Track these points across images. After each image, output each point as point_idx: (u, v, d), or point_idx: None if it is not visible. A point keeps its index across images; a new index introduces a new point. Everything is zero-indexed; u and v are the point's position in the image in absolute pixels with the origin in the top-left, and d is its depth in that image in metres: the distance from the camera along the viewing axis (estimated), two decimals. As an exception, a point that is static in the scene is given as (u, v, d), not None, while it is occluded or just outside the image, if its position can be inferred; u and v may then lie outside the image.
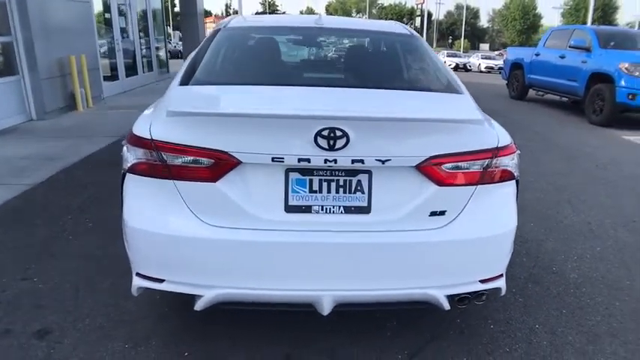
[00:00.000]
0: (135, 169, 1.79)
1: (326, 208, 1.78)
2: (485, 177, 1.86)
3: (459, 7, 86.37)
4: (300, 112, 1.71)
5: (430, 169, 1.78)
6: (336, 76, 2.44)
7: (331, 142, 1.67)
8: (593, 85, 8.59)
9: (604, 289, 2.73)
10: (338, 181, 1.78)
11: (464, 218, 1.86)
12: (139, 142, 1.77)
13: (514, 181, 1.97)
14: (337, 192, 1.78)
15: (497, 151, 1.86)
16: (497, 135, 1.92)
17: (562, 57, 9.80)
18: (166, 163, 1.72)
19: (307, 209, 1.77)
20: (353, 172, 1.77)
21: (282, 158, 1.69)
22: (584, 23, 61.51)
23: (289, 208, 1.76)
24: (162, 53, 14.46)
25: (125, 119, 6.45)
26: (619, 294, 2.68)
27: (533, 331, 2.31)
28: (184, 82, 2.10)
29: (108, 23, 10.67)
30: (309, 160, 1.70)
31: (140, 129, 1.81)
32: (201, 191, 1.73)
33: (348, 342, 2.16)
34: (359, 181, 1.78)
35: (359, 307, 2.00)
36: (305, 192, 1.77)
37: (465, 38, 58.18)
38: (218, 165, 1.70)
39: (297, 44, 2.77)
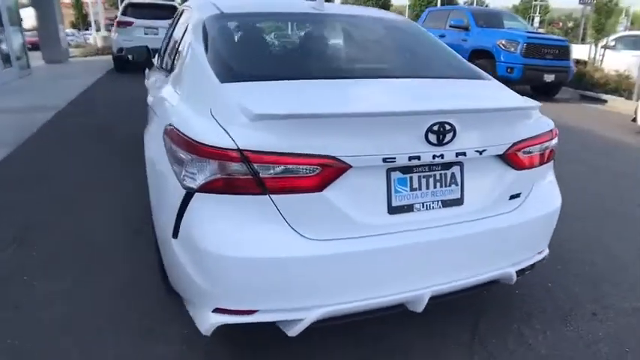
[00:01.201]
0: (212, 188, 1.50)
1: (426, 205, 1.71)
2: (544, 158, 1.97)
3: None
4: (412, 108, 1.61)
5: (512, 156, 1.82)
6: (381, 66, 2.29)
7: (440, 137, 1.60)
8: (475, 61, 9.53)
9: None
10: (435, 175, 1.71)
11: (531, 198, 1.96)
12: (218, 154, 1.46)
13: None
14: (434, 187, 1.72)
15: (552, 133, 1.98)
16: (547, 118, 2.04)
17: (442, 36, 10.67)
18: (258, 176, 1.47)
19: (409, 208, 1.68)
20: (447, 165, 1.72)
21: (394, 158, 1.57)
22: (429, 4, 67.42)
23: (392, 210, 1.65)
24: (18, 44, 12.23)
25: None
26: None
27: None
28: (224, 79, 1.77)
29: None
30: (419, 158, 1.61)
31: (214, 138, 1.48)
32: (304, 203, 1.52)
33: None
34: (452, 174, 1.74)
35: (446, 297, 1.97)
36: (406, 191, 1.67)
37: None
38: (325, 172, 1.50)
39: (313, 32, 2.56)
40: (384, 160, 1.56)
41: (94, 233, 2.96)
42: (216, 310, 1.58)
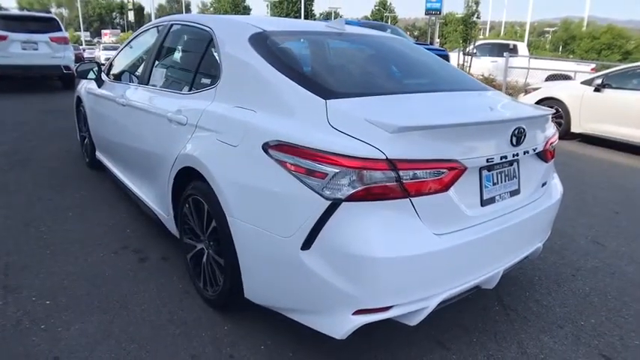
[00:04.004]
0: (361, 196, 1.61)
1: (501, 196, 2.03)
2: (554, 152, 2.42)
3: (170, 1, 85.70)
4: (504, 116, 1.95)
5: (544, 151, 2.25)
6: (426, 81, 2.49)
7: (519, 139, 1.95)
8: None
9: None
10: (504, 171, 2.04)
11: (551, 185, 2.42)
12: (371, 165, 1.60)
13: None
14: (504, 181, 2.05)
15: (557, 133, 2.46)
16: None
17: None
18: (401, 181, 1.63)
19: (492, 200, 1.98)
20: (511, 163, 2.06)
21: (493, 158, 1.86)
22: (288, 15, 69.51)
23: (483, 203, 1.94)
24: None
25: None
26: None
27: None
28: (326, 96, 1.85)
29: None
30: (506, 157, 1.92)
31: (363, 150, 1.61)
32: (434, 203, 1.72)
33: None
34: (514, 169, 2.09)
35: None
36: (491, 185, 1.97)
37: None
38: (451, 174, 1.73)
39: (359, 50, 2.66)
40: (487, 160, 1.85)
41: None
42: (357, 312, 1.68)
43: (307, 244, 1.68)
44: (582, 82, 7.18)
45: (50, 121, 7.29)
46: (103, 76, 3.87)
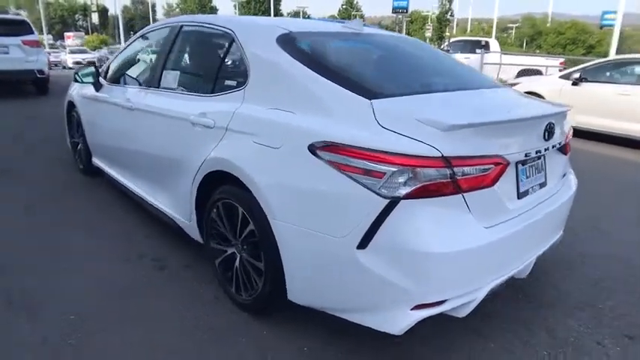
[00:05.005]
0: (419, 193, 1.65)
1: (533, 188, 2.11)
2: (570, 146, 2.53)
3: (135, 2, 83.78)
4: (539, 113, 2.04)
5: (566, 145, 2.36)
6: (448, 80, 2.53)
7: (550, 134, 2.05)
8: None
9: None
10: (534, 165, 2.12)
11: (568, 177, 2.53)
12: (429, 162, 1.64)
13: None
14: (535, 174, 2.13)
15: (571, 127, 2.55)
16: None
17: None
18: (455, 178, 1.68)
19: (526, 192, 2.06)
20: (539, 157, 2.14)
21: (530, 152, 1.93)
22: (256, 15, 69.02)
23: (520, 195, 2.01)
24: None
25: None
26: None
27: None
28: (370, 96, 1.87)
29: None
30: (540, 151, 2.00)
31: (420, 148, 1.65)
32: (482, 198, 1.78)
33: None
34: (541, 163, 2.18)
35: None
36: (525, 179, 2.05)
37: (153, 33, 56.99)
38: (497, 169, 1.80)
39: (382, 50, 2.68)
40: (526, 155, 1.92)
41: None
42: (416, 307, 1.72)
43: (364, 243, 1.70)
44: (560, 77, 7.45)
45: (32, 128, 7.04)
46: (101, 80, 3.78)
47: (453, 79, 2.59)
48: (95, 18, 57.91)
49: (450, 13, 13.00)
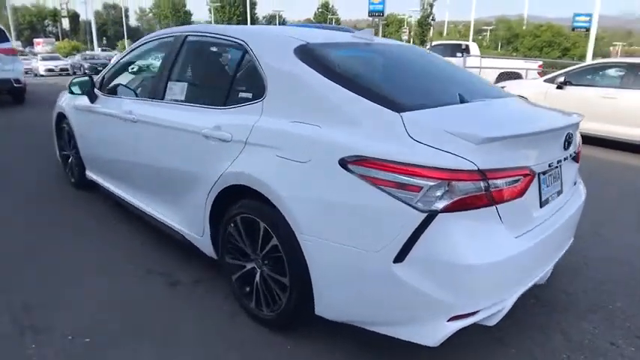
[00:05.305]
0: (456, 206, 1.66)
1: (552, 197, 2.16)
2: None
3: (107, 7, 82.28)
4: (562, 124, 2.08)
5: (578, 153, 2.42)
6: (463, 90, 2.52)
7: (569, 144, 2.12)
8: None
9: None
10: (553, 174, 2.17)
11: (578, 185, 2.59)
12: (464, 175, 1.66)
13: None
14: (553, 182, 2.17)
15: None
16: None
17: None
18: (489, 190, 1.70)
19: (547, 201, 2.10)
20: (557, 166, 2.18)
21: (553, 162, 1.98)
22: (231, 19, 68.46)
23: (542, 204, 2.05)
24: None
25: None
26: None
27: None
28: (398, 109, 1.87)
29: None
30: (560, 160, 2.06)
31: (455, 162, 1.66)
32: (512, 209, 1.81)
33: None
34: (558, 171, 2.23)
35: None
36: (546, 187, 2.09)
37: (128, 38, 55.96)
38: (525, 180, 1.83)
39: (399, 61, 2.71)
40: (549, 165, 1.96)
41: None
42: (452, 319, 1.73)
43: (401, 257, 1.70)
44: (545, 80, 7.63)
45: (15, 140, 6.84)
46: (96, 91, 3.68)
47: (468, 88, 2.60)
48: (66, 23, 56.58)
49: (431, 17, 13.18)
